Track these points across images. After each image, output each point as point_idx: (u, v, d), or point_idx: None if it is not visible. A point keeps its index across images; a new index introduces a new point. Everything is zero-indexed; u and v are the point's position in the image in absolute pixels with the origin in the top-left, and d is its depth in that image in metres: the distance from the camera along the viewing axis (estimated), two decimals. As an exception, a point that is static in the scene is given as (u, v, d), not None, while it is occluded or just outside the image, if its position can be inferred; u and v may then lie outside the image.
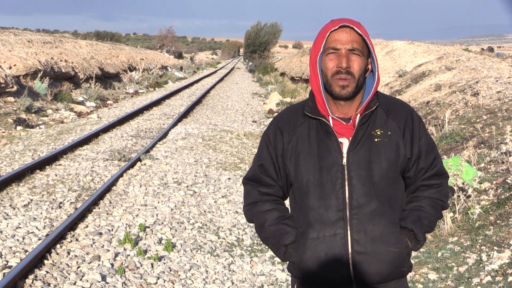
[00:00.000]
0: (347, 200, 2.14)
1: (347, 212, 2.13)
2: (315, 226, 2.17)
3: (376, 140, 2.16)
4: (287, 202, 2.39)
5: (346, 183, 2.14)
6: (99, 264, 5.38)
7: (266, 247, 6.30)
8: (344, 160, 2.15)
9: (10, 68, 16.42)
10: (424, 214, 2.21)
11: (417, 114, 2.28)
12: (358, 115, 2.17)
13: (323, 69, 2.17)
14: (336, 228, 2.14)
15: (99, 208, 7.19)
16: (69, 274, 5.10)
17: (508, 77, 13.13)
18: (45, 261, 5.34)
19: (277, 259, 5.96)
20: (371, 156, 2.15)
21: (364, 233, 2.12)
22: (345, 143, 2.17)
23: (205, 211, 7.38)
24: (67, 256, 5.54)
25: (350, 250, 2.12)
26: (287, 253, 2.24)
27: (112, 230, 6.40)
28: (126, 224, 6.63)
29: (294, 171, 2.22)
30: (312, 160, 2.18)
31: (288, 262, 2.29)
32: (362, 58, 2.15)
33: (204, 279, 5.36)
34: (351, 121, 2.18)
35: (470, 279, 4.89)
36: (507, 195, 6.25)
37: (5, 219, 6.51)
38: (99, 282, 4.99)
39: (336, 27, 2.13)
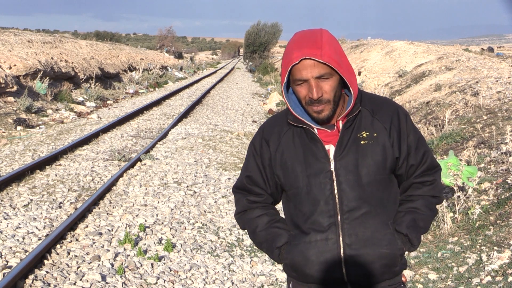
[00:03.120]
0: (337, 206, 2.13)
1: (338, 217, 2.13)
2: (307, 231, 2.17)
3: (362, 142, 2.14)
4: (279, 206, 2.39)
5: (336, 188, 2.13)
6: (99, 264, 5.38)
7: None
8: (332, 166, 2.13)
9: (10, 68, 16.42)
10: (419, 216, 2.20)
11: (404, 111, 2.23)
12: (341, 121, 2.15)
13: (296, 95, 2.14)
14: (328, 233, 2.14)
15: (99, 208, 7.19)
16: (69, 274, 5.10)
17: (508, 77, 13.13)
18: (45, 261, 5.34)
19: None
20: (358, 159, 2.13)
21: (355, 237, 2.12)
22: (331, 149, 2.15)
23: (205, 211, 7.38)
24: (67, 256, 5.54)
25: (342, 254, 2.13)
26: (281, 255, 2.25)
27: (112, 230, 6.40)
28: (126, 224, 6.63)
29: (283, 179, 2.22)
30: (300, 168, 2.17)
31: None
32: (333, 78, 2.08)
33: (204, 279, 5.36)
34: (335, 127, 2.16)
35: (470, 279, 4.89)
36: (507, 195, 6.25)
37: (5, 219, 6.51)
38: (99, 282, 4.98)
39: (297, 62, 2.04)
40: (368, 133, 2.14)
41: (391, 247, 2.15)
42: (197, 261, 5.75)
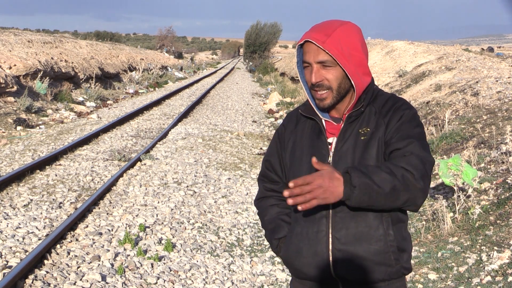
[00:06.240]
0: None
1: (330, 210, 2.14)
2: (300, 222, 2.20)
3: (362, 138, 2.14)
4: None
5: None
6: (99, 264, 5.38)
7: (266, 247, 6.32)
8: (330, 158, 2.15)
9: (10, 68, 16.42)
10: (375, 169, 1.95)
11: (407, 105, 2.16)
12: (346, 115, 2.17)
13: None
14: (319, 225, 2.15)
15: (99, 208, 7.19)
16: (69, 274, 5.10)
17: (508, 77, 13.13)
18: (45, 261, 5.34)
19: (277, 259, 5.97)
20: (356, 153, 2.13)
21: (345, 231, 2.11)
22: (334, 142, 2.18)
23: (205, 211, 7.38)
24: (67, 256, 5.54)
25: (330, 247, 2.12)
26: (278, 247, 2.31)
27: (112, 230, 6.40)
28: (126, 224, 6.63)
29: (289, 166, 2.28)
30: (305, 158, 2.21)
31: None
32: (337, 68, 2.09)
33: (204, 279, 5.36)
34: (341, 121, 2.19)
35: (470, 279, 4.89)
36: (507, 195, 6.25)
37: (5, 219, 6.51)
38: (99, 282, 4.99)
39: (301, 42, 2.09)
40: (368, 129, 2.15)
41: (380, 243, 2.10)
42: (197, 261, 5.75)
